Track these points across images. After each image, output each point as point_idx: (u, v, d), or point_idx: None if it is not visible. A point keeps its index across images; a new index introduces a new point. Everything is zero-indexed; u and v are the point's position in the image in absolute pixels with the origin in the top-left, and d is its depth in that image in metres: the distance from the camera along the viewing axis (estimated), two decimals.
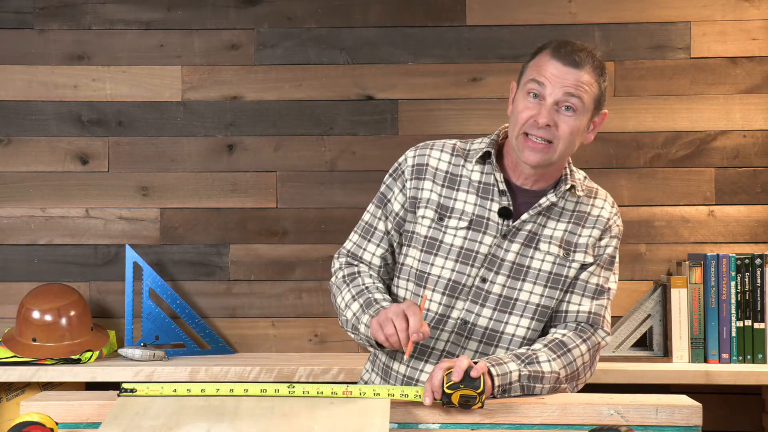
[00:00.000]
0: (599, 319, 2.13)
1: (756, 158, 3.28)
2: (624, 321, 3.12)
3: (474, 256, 2.10)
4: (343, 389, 1.84)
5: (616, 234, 2.17)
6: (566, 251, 2.12)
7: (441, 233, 2.12)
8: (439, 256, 2.11)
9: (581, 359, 2.07)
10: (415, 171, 2.17)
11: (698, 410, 1.85)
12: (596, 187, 2.21)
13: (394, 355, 2.16)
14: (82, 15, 3.35)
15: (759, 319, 3.05)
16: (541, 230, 2.12)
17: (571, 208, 2.15)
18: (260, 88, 3.34)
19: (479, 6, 3.32)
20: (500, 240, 2.10)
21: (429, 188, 2.15)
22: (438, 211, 2.13)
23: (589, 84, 2.05)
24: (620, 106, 3.30)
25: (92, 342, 3.12)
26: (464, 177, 2.15)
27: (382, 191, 2.22)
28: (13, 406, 3.09)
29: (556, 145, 2.04)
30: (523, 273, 2.10)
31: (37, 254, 3.35)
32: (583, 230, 2.13)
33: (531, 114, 2.04)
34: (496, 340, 2.11)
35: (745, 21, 3.28)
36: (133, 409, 1.79)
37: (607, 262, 2.16)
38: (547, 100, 2.03)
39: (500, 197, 2.11)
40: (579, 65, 2.04)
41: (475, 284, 2.10)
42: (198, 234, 3.34)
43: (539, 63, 2.07)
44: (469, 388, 1.81)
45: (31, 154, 3.35)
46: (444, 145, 2.20)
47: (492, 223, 2.11)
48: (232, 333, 3.31)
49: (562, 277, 2.11)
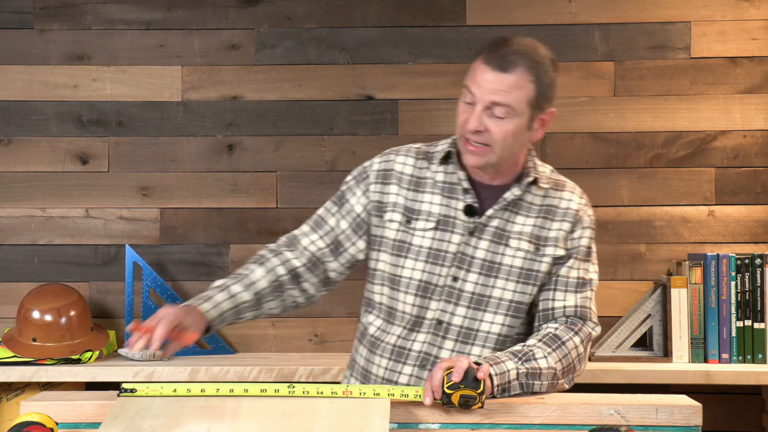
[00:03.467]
0: (587, 311, 2.14)
1: (756, 158, 3.28)
2: (624, 321, 3.12)
3: (443, 256, 2.11)
4: (343, 389, 1.84)
5: (589, 224, 2.17)
6: (536, 246, 2.12)
7: (409, 236, 2.13)
8: (409, 258, 2.12)
9: (575, 351, 2.07)
10: (380, 176, 2.18)
11: (698, 410, 1.85)
12: (564, 179, 2.21)
13: (372, 358, 2.17)
14: (82, 15, 3.35)
15: (759, 319, 3.05)
16: (509, 226, 2.12)
17: (539, 202, 2.15)
18: (260, 88, 3.34)
19: (479, 6, 3.32)
20: (468, 237, 2.11)
21: (395, 192, 2.16)
22: (405, 214, 2.14)
23: (519, 87, 2.02)
24: (620, 106, 3.30)
25: (92, 342, 3.12)
26: (429, 179, 2.16)
27: (342, 190, 2.23)
28: (13, 406, 3.09)
29: (494, 147, 2.05)
30: (494, 270, 2.11)
31: (37, 254, 3.35)
32: (552, 224, 2.14)
33: (464, 118, 2.06)
34: (471, 338, 2.11)
35: (745, 21, 3.28)
36: (133, 409, 1.79)
37: (584, 254, 2.16)
38: (477, 107, 2.04)
39: (465, 195, 2.12)
40: (508, 69, 2.02)
41: (447, 284, 2.11)
42: (198, 234, 3.34)
43: (474, 68, 2.08)
44: (469, 389, 1.81)
45: (31, 154, 3.35)
46: (408, 149, 2.21)
47: (459, 221, 2.11)
48: (232, 333, 3.31)
49: (533, 272, 2.12)
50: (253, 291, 2.11)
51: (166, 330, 1.88)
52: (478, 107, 2.03)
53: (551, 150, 3.30)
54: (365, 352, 2.19)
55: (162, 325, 1.88)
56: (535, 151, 2.20)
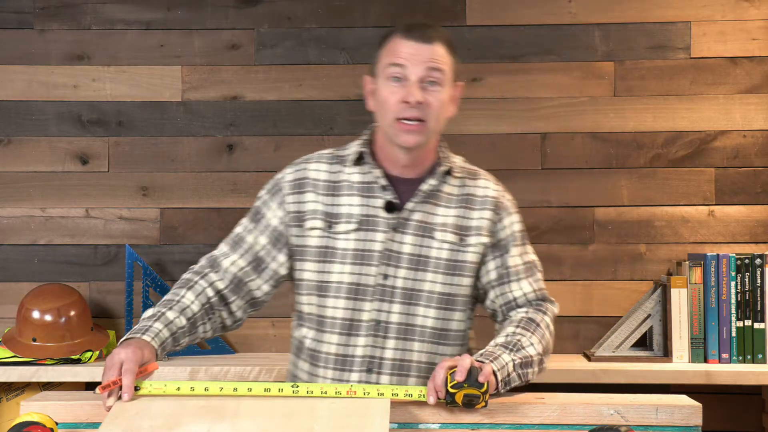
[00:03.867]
0: (544, 292, 2.18)
1: (756, 158, 3.28)
2: (624, 321, 3.12)
3: (370, 255, 2.10)
4: (347, 389, 1.84)
5: (513, 209, 2.20)
6: (460, 237, 2.13)
7: (332, 240, 2.12)
8: (336, 263, 2.11)
9: (548, 330, 2.11)
10: (295, 186, 2.16)
11: (698, 410, 1.85)
12: (476, 168, 2.23)
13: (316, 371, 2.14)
14: (82, 15, 3.35)
15: (759, 319, 3.05)
16: (431, 218, 2.13)
17: (457, 192, 2.16)
18: (260, 88, 3.34)
19: (479, 6, 3.32)
20: (392, 234, 2.10)
21: (312, 199, 2.14)
22: (325, 219, 2.13)
23: (443, 56, 2.08)
24: (620, 106, 3.30)
25: (92, 342, 3.12)
26: (345, 182, 2.15)
27: (257, 206, 2.20)
28: (13, 406, 3.09)
29: (429, 122, 2.07)
30: (422, 263, 2.11)
31: (37, 254, 3.35)
32: (473, 213, 2.15)
33: (400, 97, 2.05)
34: (411, 334, 2.11)
35: (745, 21, 3.28)
36: (133, 409, 1.79)
37: (520, 239, 2.19)
38: (411, 79, 2.05)
39: (383, 192, 2.12)
40: (432, 40, 2.07)
41: (378, 282, 2.10)
42: (198, 234, 3.34)
43: (393, 47, 2.08)
44: (473, 388, 1.81)
45: (31, 154, 3.35)
46: (320, 156, 2.20)
47: (380, 219, 2.11)
48: (232, 333, 3.31)
49: (460, 263, 2.13)
50: (186, 316, 2.06)
51: (134, 376, 1.83)
52: (413, 79, 2.05)
53: (551, 150, 3.30)
54: (307, 366, 2.16)
55: (128, 374, 1.83)
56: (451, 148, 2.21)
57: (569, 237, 3.30)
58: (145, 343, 1.95)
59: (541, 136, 3.31)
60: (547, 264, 3.28)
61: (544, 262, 3.27)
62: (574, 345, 3.29)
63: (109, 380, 1.82)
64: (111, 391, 1.82)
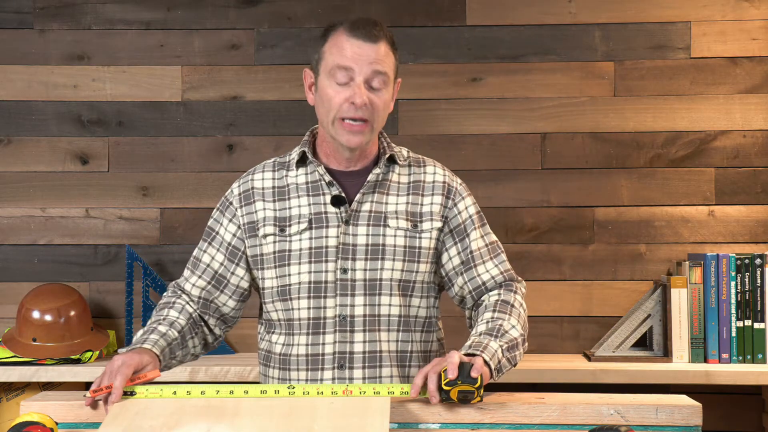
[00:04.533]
0: (511, 272, 2.18)
1: (756, 158, 3.28)
2: (624, 321, 3.12)
3: (325, 252, 2.10)
4: (343, 389, 1.84)
5: (466, 192, 2.20)
6: (413, 223, 2.14)
7: (287, 243, 2.12)
8: (293, 265, 2.11)
9: (522, 308, 2.12)
10: (243, 198, 2.18)
11: (698, 410, 1.85)
12: (422, 156, 2.24)
13: (288, 375, 2.14)
14: (82, 15, 3.35)
15: (759, 319, 3.05)
16: (383, 207, 2.13)
17: (406, 180, 2.17)
18: (260, 88, 3.34)
19: (479, 6, 3.32)
20: (345, 228, 2.11)
21: (261, 208, 2.15)
22: (277, 224, 2.14)
23: (387, 56, 2.08)
24: (620, 106, 3.30)
25: (92, 342, 3.12)
26: (291, 185, 2.16)
27: (209, 225, 2.22)
28: (13, 406, 3.09)
29: (372, 122, 2.07)
30: (379, 252, 2.11)
31: (37, 254, 3.35)
32: (423, 199, 2.16)
33: (344, 97, 2.05)
34: (377, 325, 2.11)
35: (745, 21, 3.28)
36: (133, 409, 1.79)
37: (478, 221, 2.19)
38: (357, 80, 2.05)
39: (329, 188, 2.13)
40: (377, 39, 2.06)
41: (338, 278, 2.10)
42: (198, 234, 3.33)
43: (338, 45, 2.07)
44: (466, 384, 1.81)
45: (31, 154, 3.35)
46: (264, 165, 2.22)
47: (330, 214, 2.12)
48: (232, 333, 3.31)
49: (416, 249, 2.13)
50: (176, 329, 2.08)
51: (125, 379, 1.83)
52: (359, 80, 2.05)
53: (551, 150, 3.30)
54: (277, 372, 2.16)
55: (119, 376, 1.83)
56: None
57: (569, 237, 3.30)
58: (144, 349, 1.96)
59: (541, 136, 3.31)
60: (547, 264, 3.30)
61: (544, 262, 3.30)
62: (574, 345, 3.29)
63: (102, 385, 1.83)
64: (101, 396, 1.82)
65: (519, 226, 3.27)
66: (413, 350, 2.14)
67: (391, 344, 2.12)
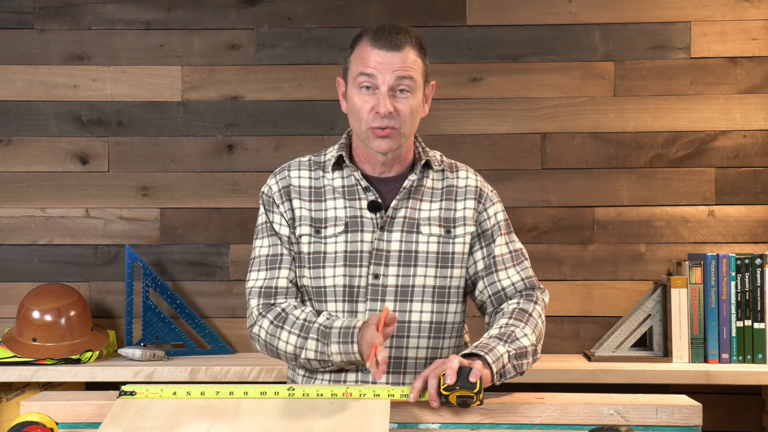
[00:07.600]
0: (533, 280, 2.19)
1: (756, 158, 3.28)
2: (624, 321, 3.12)
3: (359, 256, 2.11)
4: (342, 390, 1.84)
5: (496, 198, 2.22)
6: (446, 229, 2.15)
7: (322, 245, 2.13)
8: (327, 267, 2.12)
9: (540, 320, 2.11)
10: (283, 194, 2.18)
11: (698, 410, 1.85)
12: (455, 161, 2.26)
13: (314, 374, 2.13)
14: (82, 15, 3.35)
15: (759, 319, 3.05)
16: (416, 213, 2.15)
17: (440, 186, 2.19)
18: (260, 88, 3.34)
19: (479, 6, 3.32)
20: (379, 233, 2.12)
21: (299, 206, 2.16)
22: (312, 225, 2.15)
23: (414, 62, 2.08)
24: (620, 106, 3.30)
25: (92, 342, 3.12)
26: (327, 186, 2.17)
27: (263, 225, 2.20)
28: (13, 406, 3.09)
29: (401, 128, 2.08)
30: (412, 259, 2.12)
31: (37, 254, 3.35)
32: (457, 204, 2.18)
33: (371, 106, 2.07)
34: (406, 331, 2.12)
35: (745, 21, 3.28)
36: (133, 409, 1.79)
37: (506, 227, 2.20)
38: (381, 89, 2.06)
39: (366, 193, 2.15)
40: (400, 47, 2.06)
41: (369, 282, 2.11)
42: (198, 234, 3.34)
43: (362, 55, 2.09)
44: (465, 389, 1.81)
45: (31, 154, 3.35)
46: (300, 163, 2.22)
47: (366, 219, 2.13)
48: (232, 333, 3.31)
49: (449, 254, 2.14)
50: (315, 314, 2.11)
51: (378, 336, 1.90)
52: (383, 89, 2.06)
53: (551, 150, 3.30)
54: (304, 370, 2.16)
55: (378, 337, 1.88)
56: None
57: (569, 237, 3.30)
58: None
59: (541, 136, 3.31)
60: (547, 264, 3.29)
61: (544, 262, 3.30)
62: (574, 345, 3.29)
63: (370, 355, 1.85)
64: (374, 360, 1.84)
65: (519, 226, 3.27)
66: (443, 357, 2.13)
67: (420, 351, 2.12)
